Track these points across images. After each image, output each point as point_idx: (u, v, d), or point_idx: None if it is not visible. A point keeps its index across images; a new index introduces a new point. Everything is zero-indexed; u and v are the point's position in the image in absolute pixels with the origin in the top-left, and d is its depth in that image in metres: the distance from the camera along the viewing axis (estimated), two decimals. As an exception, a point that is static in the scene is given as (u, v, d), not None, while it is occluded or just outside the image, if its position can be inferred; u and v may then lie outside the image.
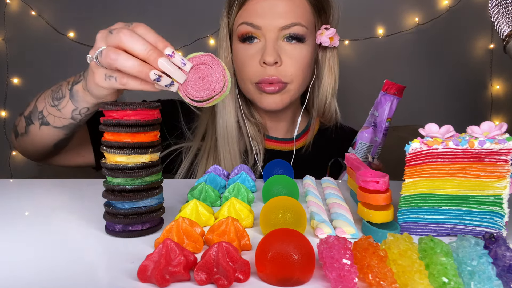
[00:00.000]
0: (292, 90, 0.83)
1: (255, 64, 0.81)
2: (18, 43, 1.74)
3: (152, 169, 0.48)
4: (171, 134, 0.89)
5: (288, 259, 0.35)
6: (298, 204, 0.47)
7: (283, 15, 0.78)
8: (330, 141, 0.96)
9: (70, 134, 0.73)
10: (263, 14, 0.78)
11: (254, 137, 0.88)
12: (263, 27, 0.79)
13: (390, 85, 0.78)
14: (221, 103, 0.86)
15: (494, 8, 0.60)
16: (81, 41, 1.78)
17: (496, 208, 0.45)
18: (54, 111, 0.68)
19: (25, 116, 0.74)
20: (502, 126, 0.44)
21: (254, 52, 0.81)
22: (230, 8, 0.84)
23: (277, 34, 0.79)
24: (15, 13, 1.74)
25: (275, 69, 0.80)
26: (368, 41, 1.65)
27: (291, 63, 0.80)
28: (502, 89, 1.74)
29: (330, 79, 0.90)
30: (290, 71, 0.81)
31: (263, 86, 0.80)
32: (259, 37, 0.80)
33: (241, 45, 0.82)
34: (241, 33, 0.81)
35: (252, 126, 0.89)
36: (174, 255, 0.37)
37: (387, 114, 0.77)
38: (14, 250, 0.44)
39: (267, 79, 0.80)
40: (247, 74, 0.82)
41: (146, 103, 0.47)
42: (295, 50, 0.80)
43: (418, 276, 0.34)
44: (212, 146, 0.87)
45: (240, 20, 0.81)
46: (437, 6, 1.70)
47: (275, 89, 0.80)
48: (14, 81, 1.70)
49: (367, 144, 0.79)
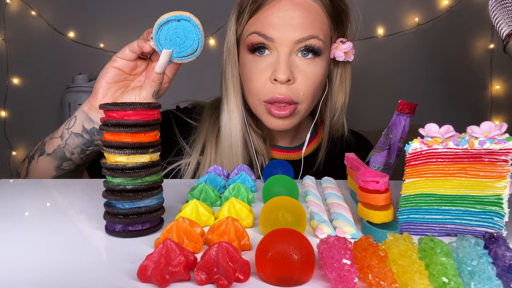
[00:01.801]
0: (302, 111, 0.78)
1: (265, 80, 0.74)
2: (18, 43, 1.74)
3: (152, 169, 0.48)
4: (166, 148, 0.84)
5: (288, 259, 0.35)
6: (298, 204, 0.47)
7: (300, 27, 0.72)
8: (336, 152, 0.93)
9: (67, 169, 0.74)
10: (278, 26, 0.72)
11: (260, 150, 0.83)
12: (276, 39, 0.72)
13: (404, 105, 0.74)
14: (226, 118, 0.81)
15: (494, 8, 0.60)
16: (81, 41, 1.78)
17: (496, 208, 0.45)
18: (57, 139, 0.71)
19: (28, 156, 0.74)
20: (502, 126, 0.44)
21: (265, 66, 0.74)
22: (240, 15, 0.77)
23: (291, 48, 0.73)
24: (15, 13, 1.74)
25: (287, 87, 0.73)
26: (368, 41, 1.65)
27: (304, 81, 0.74)
28: (502, 89, 1.74)
29: (340, 94, 0.85)
30: (302, 90, 0.74)
31: (273, 109, 0.74)
32: (271, 50, 0.74)
33: (250, 56, 0.76)
34: (252, 42, 0.74)
35: (258, 138, 0.84)
36: (174, 255, 0.37)
37: (400, 134, 0.74)
38: (14, 250, 0.44)
39: (278, 98, 0.73)
40: (255, 90, 0.76)
41: (146, 103, 0.47)
42: (309, 68, 0.74)
43: (418, 276, 0.34)
44: (213, 160, 0.82)
45: (251, 29, 0.75)
46: (437, 6, 1.70)
47: (286, 113, 0.74)
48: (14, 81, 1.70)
49: (381, 167, 0.76)
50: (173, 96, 0.96)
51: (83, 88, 1.59)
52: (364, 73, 1.62)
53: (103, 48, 1.78)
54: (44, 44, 1.73)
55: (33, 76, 1.73)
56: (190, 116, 0.90)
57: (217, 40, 1.91)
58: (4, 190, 0.68)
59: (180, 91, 1.19)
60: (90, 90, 1.58)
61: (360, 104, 1.54)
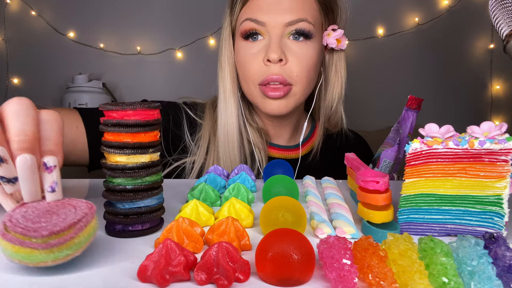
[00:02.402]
0: (298, 94, 0.79)
1: (258, 62, 0.77)
2: (18, 43, 1.74)
3: (152, 169, 0.48)
4: (173, 141, 0.84)
5: (288, 259, 0.35)
6: (298, 204, 0.47)
7: (289, 11, 0.75)
8: (335, 148, 0.94)
9: None
10: (268, 10, 0.75)
11: (256, 144, 0.84)
12: (267, 23, 0.76)
13: (413, 100, 0.74)
14: (223, 107, 0.82)
15: (494, 8, 0.60)
16: (81, 41, 1.78)
17: (496, 208, 0.45)
18: None
19: None
20: (502, 126, 0.44)
21: (258, 50, 0.77)
22: (233, 6, 0.81)
23: (282, 31, 0.76)
24: (15, 13, 1.74)
25: (280, 68, 0.76)
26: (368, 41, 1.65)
27: (297, 62, 0.77)
28: (502, 89, 1.74)
29: (337, 84, 0.86)
30: (295, 70, 0.77)
31: (267, 91, 0.77)
32: (263, 34, 0.77)
33: (244, 42, 0.79)
34: (244, 29, 0.78)
35: (254, 131, 0.85)
36: (174, 255, 0.37)
37: (408, 129, 0.75)
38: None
39: (271, 78, 0.75)
40: (249, 73, 0.78)
41: (146, 103, 0.47)
42: (301, 49, 0.77)
43: (418, 276, 0.34)
44: (215, 159, 0.83)
45: (243, 17, 0.78)
46: (437, 6, 1.70)
47: (280, 94, 0.76)
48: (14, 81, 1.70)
49: (391, 162, 0.76)
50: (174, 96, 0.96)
51: (83, 88, 1.59)
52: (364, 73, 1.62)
53: (103, 48, 1.78)
54: (44, 44, 1.73)
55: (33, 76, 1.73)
56: (196, 113, 0.90)
57: (217, 40, 1.92)
58: (4, 190, 0.68)
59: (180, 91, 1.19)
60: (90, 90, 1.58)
61: (360, 104, 1.54)
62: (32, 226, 0.35)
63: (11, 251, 0.35)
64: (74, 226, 0.36)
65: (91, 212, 0.38)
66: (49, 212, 0.37)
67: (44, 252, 0.34)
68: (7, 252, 0.35)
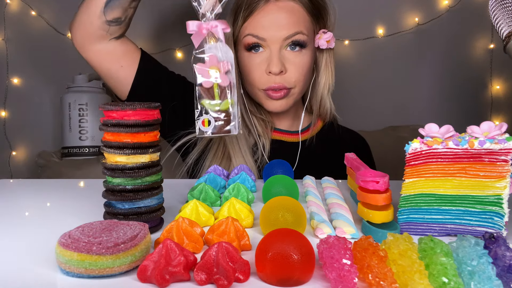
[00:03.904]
0: (296, 93, 0.91)
1: (261, 72, 0.88)
2: (18, 43, 1.74)
3: (152, 169, 0.48)
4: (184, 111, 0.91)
5: (288, 259, 0.35)
6: (298, 204, 0.47)
7: (286, 27, 0.86)
8: (332, 139, 1.01)
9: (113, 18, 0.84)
10: (268, 27, 0.86)
11: (262, 134, 0.94)
12: (267, 38, 0.86)
13: None
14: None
15: (494, 8, 0.60)
16: (81, 41, 1.78)
17: (496, 208, 0.45)
18: None
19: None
20: (502, 126, 0.44)
21: (260, 61, 0.88)
22: (235, 20, 0.92)
23: (281, 44, 0.87)
24: (15, 13, 1.74)
25: (280, 77, 0.87)
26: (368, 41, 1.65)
27: (295, 70, 0.88)
28: (502, 89, 1.74)
29: (326, 77, 0.98)
30: (294, 77, 0.88)
31: (270, 93, 0.89)
32: (264, 47, 0.88)
33: (247, 53, 0.90)
34: (247, 43, 0.88)
35: (259, 122, 0.95)
36: (174, 255, 0.37)
37: None
38: (14, 250, 0.44)
39: (273, 86, 0.88)
40: (254, 80, 0.90)
41: (146, 103, 0.47)
42: (298, 58, 0.88)
43: (418, 276, 0.34)
44: (221, 142, 0.91)
45: (246, 32, 0.89)
46: (437, 6, 1.70)
47: (281, 95, 0.89)
48: (14, 81, 1.70)
49: None
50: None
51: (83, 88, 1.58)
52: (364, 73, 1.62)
53: (103, 48, 1.77)
54: (44, 44, 1.73)
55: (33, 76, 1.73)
56: None
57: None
58: (4, 190, 0.68)
59: (180, 91, 1.19)
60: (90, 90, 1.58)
61: (360, 104, 1.54)
62: (94, 241, 0.37)
63: (77, 260, 0.36)
64: (135, 238, 0.39)
65: (145, 228, 0.41)
66: (107, 229, 0.40)
67: (111, 258, 0.36)
68: (72, 262, 0.36)
